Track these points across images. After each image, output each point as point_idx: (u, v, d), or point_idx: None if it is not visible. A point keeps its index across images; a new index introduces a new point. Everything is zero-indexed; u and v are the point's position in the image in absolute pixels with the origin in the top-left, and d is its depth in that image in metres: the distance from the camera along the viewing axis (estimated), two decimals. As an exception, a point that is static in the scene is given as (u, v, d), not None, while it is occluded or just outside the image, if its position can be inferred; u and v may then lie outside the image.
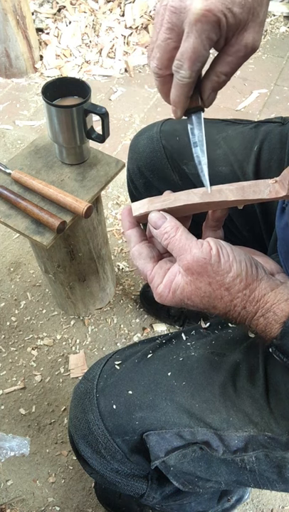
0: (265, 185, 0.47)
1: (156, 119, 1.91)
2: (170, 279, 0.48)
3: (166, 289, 0.48)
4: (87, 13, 2.26)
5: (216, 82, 0.49)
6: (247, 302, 0.46)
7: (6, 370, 1.29)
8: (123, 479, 0.69)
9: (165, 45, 0.46)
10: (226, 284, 0.46)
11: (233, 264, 0.46)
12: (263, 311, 0.46)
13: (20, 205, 0.89)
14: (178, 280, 0.47)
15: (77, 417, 0.68)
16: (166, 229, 0.48)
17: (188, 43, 0.44)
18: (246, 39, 0.46)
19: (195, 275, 0.46)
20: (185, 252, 0.46)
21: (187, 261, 0.46)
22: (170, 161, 0.86)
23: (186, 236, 0.47)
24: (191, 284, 0.46)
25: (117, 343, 1.33)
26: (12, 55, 2.10)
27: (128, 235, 0.53)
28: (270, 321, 0.46)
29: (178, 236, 0.47)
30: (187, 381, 0.63)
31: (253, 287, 0.46)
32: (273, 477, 0.60)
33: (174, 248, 0.47)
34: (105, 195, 1.68)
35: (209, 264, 0.45)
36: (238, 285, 0.46)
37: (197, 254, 0.45)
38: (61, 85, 0.88)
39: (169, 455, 0.62)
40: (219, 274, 0.45)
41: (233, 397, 0.60)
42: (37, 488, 1.11)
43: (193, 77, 0.47)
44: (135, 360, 0.68)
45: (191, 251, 0.46)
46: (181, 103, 0.49)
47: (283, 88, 2.07)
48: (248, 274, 0.46)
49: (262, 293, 0.46)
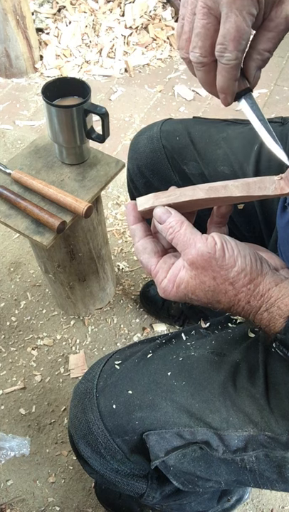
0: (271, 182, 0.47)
1: (156, 119, 1.91)
2: (174, 274, 0.48)
3: (171, 284, 0.48)
4: (87, 13, 2.26)
5: (261, 60, 0.48)
6: (251, 297, 0.46)
7: (6, 370, 1.29)
8: (123, 479, 0.69)
9: (205, 31, 0.45)
10: (231, 278, 0.46)
11: (237, 259, 0.46)
12: (267, 305, 0.46)
13: (20, 205, 0.89)
14: (182, 275, 0.47)
15: (77, 417, 0.68)
16: (170, 223, 0.48)
17: (230, 23, 0.43)
18: (286, 11, 0.44)
19: (199, 269, 0.46)
20: (190, 246, 0.46)
21: (192, 255, 0.46)
22: (170, 161, 0.86)
23: (191, 230, 0.47)
24: (195, 278, 0.46)
25: (117, 343, 1.33)
26: (12, 55, 2.10)
27: (132, 230, 0.53)
28: (274, 315, 0.46)
29: (182, 230, 0.47)
30: (187, 381, 0.63)
31: (258, 282, 0.46)
32: (273, 477, 0.60)
33: (178, 243, 0.47)
34: (105, 195, 1.68)
35: (214, 258, 0.45)
36: (242, 279, 0.46)
37: (202, 248, 0.45)
38: (61, 85, 0.88)
39: (169, 455, 0.62)
40: (224, 269, 0.45)
41: (233, 396, 0.60)
42: (37, 488, 1.11)
43: (240, 58, 0.45)
44: (135, 360, 0.68)
45: (196, 245, 0.46)
46: (230, 88, 0.48)
47: (283, 88, 2.07)
48: (252, 268, 0.46)
49: (266, 287, 0.46)
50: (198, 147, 0.84)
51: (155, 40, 2.28)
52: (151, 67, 2.22)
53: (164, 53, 2.26)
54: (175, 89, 2.10)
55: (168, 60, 2.25)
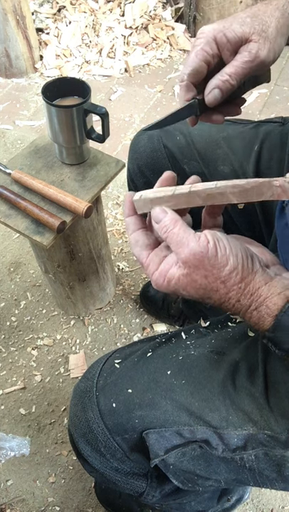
0: (268, 187, 0.47)
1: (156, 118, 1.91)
2: (166, 269, 0.49)
3: (161, 278, 0.49)
4: (87, 13, 2.27)
5: (220, 80, 0.56)
6: (241, 295, 0.47)
7: (6, 370, 1.29)
8: (123, 478, 0.69)
9: None
10: (222, 277, 0.46)
11: (229, 258, 0.46)
12: (256, 304, 0.47)
13: (20, 205, 0.89)
14: (173, 271, 0.48)
15: (77, 416, 0.68)
16: (165, 222, 0.49)
17: None
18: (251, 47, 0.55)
19: (192, 268, 0.47)
20: (183, 245, 0.47)
21: (184, 254, 0.47)
22: (170, 161, 0.86)
23: (184, 229, 0.48)
24: (187, 276, 0.47)
25: (117, 343, 1.33)
26: (12, 55, 2.10)
27: (127, 223, 0.54)
28: (262, 314, 0.47)
29: (176, 230, 0.48)
30: (187, 380, 0.63)
31: (248, 280, 0.47)
32: (273, 476, 0.60)
33: (171, 242, 0.48)
34: (105, 195, 1.69)
35: (206, 257, 0.46)
36: (233, 278, 0.47)
37: (194, 247, 0.46)
38: (61, 85, 0.89)
39: (169, 453, 0.62)
40: (216, 268, 0.46)
41: (232, 395, 0.60)
42: (37, 488, 1.11)
43: None
44: (135, 359, 0.68)
45: (189, 244, 0.46)
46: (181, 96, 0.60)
47: (283, 88, 2.07)
48: (244, 267, 0.47)
49: (256, 286, 0.47)
50: (199, 147, 0.84)
51: (155, 40, 2.28)
52: (151, 67, 2.22)
53: (164, 53, 2.26)
54: (175, 89, 2.10)
55: (168, 60, 2.25)
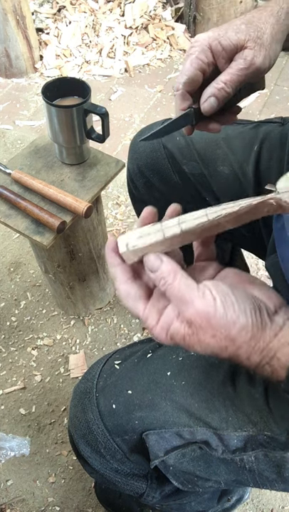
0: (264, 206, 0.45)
1: (156, 119, 1.91)
2: (167, 323, 0.44)
3: (163, 333, 0.45)
4: (87, 13, 2.27)
5: (216, 88, 0.56)
6: (252, 353, 0.44)
7: (6, 370, 1.29)
8: (123, 479, 0.69)
9: None
10: (232, 335, 0.42)
11: (239, 316, 0.42)
12: (267, 359, 0.44)
13: (20, 205, 0.89)
14: (177, 327, 0.44)
15: (76, 417, 0.68)
16: (162, 274, 0.43)
17: None
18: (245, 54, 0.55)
19: (198, 328, 0.43)
20: (186, 303, 0.42)
21: (189, 313, 0.42)
22: (170, 161, 0.86)
23: (185, 282, 0.43)
24: (193, 335, 0.43)
25: (117, 343, 1.33)
26: (12, 55, 2.10)
27: (113, 273, 0.48)
28: (275, 367, 0.44)
29: (176, 284, 0.43)
30: (186, 381, 0.63)
31: (258, 337, 0.43)
32: (273, 477, 0.60)
33: (172, 296, 0.43)
34: (105, 195, 1.68)
35: (214, 317, 0.42)
36: (243, 337, 0.43)
37: (200, 307, 0.42)
38: (61, 85, 0.89)
39: (169, 454, 0.62)
40: (224, 327, 0.42)
41: (232, 396, 0.60)
42: (37, 488, 1.11)
43: None
44: (135, 360, 0.68)
45: (194, 303, 0.42)
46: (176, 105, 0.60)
47: (283, 88, 2.07)
48: (253, 324, 0.43)
49: (266, 341, 0.43)
50: (198, 147, 0.84)
51: (155, 40, 2.28)
52: (151, 67, 2.22)
53: (164, 53, 2.26)
54: (175, 89, 2.10)
55: (168, 60, 2.25)
